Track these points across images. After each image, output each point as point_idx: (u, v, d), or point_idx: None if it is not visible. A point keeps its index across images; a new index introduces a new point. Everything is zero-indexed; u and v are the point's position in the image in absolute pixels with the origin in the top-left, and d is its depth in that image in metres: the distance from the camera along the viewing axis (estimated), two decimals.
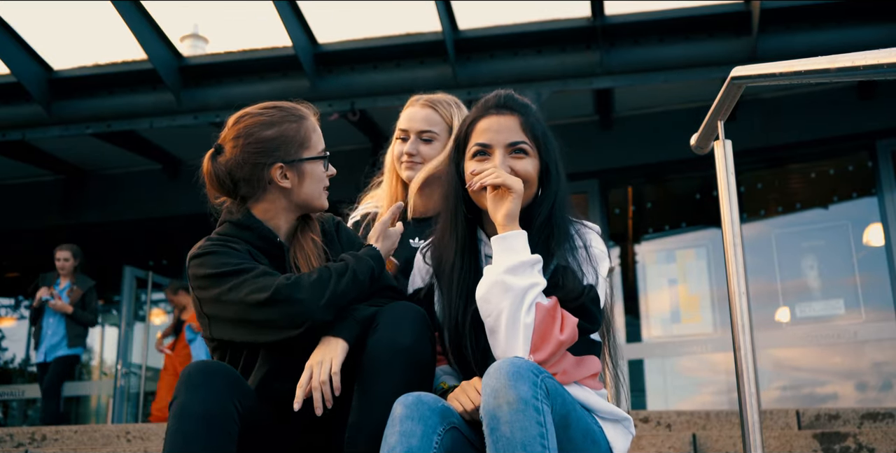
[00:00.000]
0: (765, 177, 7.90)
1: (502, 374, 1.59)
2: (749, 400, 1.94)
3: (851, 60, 1.72)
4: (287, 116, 2.08)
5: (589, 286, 1.87)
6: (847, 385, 7.33)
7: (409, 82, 6.78)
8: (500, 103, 1.98)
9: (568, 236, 1.94)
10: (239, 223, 2.05)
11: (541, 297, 1.79)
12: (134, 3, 6.39)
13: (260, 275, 1.88)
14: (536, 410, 1.56)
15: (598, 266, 1.92)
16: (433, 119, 2.67)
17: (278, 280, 1.86)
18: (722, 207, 2.09)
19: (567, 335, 1.78)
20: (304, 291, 1.84)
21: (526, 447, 1.53)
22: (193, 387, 1.72)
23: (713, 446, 3.24)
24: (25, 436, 4.18)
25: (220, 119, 6.97)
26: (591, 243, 1.95)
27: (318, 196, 2.10)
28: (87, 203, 8.94)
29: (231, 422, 1.71)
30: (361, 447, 1.77)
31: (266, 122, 2.06)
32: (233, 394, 1.74)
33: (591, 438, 1.76)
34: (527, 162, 1.94)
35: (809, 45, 6.20)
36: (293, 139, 2.06)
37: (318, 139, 2.11)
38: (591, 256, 1.92)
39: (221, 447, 1.69)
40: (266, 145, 2.04)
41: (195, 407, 1.69)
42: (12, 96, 7.24)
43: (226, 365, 1.77)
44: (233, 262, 1.92)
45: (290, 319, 1.83)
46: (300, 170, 2.06)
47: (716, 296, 7.59)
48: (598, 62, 6.53)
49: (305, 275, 1.89)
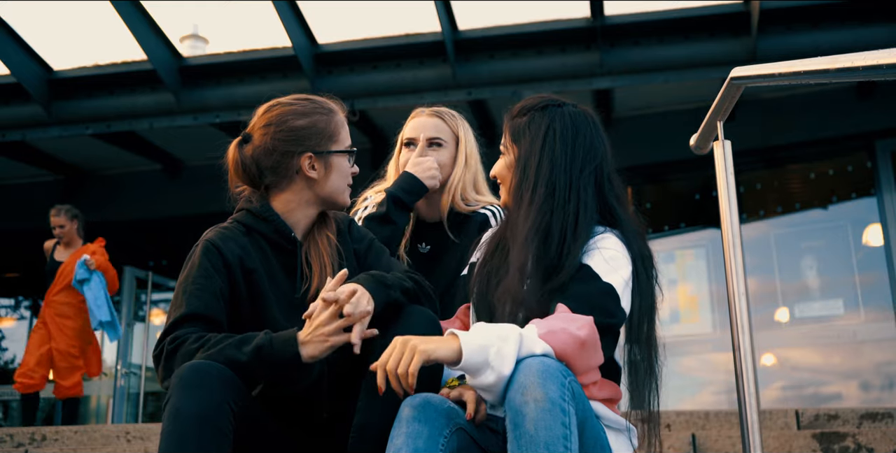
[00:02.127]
0: (764, 178, 7.90)
1: (532, 371, 1.57)
2: (748, 400, 1.94)
3: (851, 61, 1.72)
4: (318, 108, 2.10)
5: (593, 275, 1.84)
6: (846, 385, 7.33)
7: (409, 83, 6.79)
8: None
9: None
10: (257, 213, 2.05)
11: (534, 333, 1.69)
12: (134, 4, 6.39)
13: (174, 318, 1.90)
14: (563, 411, 1.55)
15: (611, 265, 1.87)
16: (441, 127, 2.70)
17: (175, 335, 1.87)
18: (721, 207, 2.09)
19: (586, 333, 1.70)
20: (174, 362, 1.83)
21: (549, 446, 1.52)
22: (188, 387, 1.69)
23: (712, 446, 3.24)
24: (25, 436, 4.18)
25: (220, 119, 6.98)
26: (604, 245, 1.91)
27: (343, 191, 2.11)
28: (87, 203, 8.92)
29: (226, 422, 1.69)
30: (367, 448, 1.76)
31: (298, 112, 2.07)
32: (227, 394, 1.71)
33: (599, 444, 1.76)
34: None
35: (809, 45, 6.20)
36: (324, 131, 2.08)
37: (346, 134, 2.13)
38: (605, 256, 1.88)
39: (217, 447, 1.67)
40: (297, 134, 2.05)
41: (190, 408, 1.66)
42: (12, 96, 7.24)
43: (219, 365, 1.75)
44: (189, 291, 1.92)
45: (161, 372, 1.85)
46: (328, 163, 2.07)
47: (715, 296, 7.59)
48: (597, 62, 6.53)
49: (209, 345, 1.83)
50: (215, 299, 1.92)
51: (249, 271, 1.99)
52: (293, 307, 2.00)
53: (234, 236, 2.02)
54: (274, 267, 2.03)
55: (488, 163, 2.35)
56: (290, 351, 1.79)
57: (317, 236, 2.09)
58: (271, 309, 1.98)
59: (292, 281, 2.04)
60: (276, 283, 2.02)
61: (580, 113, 2.04)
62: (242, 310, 1.98)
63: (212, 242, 1.99)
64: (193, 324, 1.88)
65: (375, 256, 2.16)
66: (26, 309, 9.60)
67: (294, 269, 2.04)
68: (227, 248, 1.98)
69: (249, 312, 1.98)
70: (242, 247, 2.01)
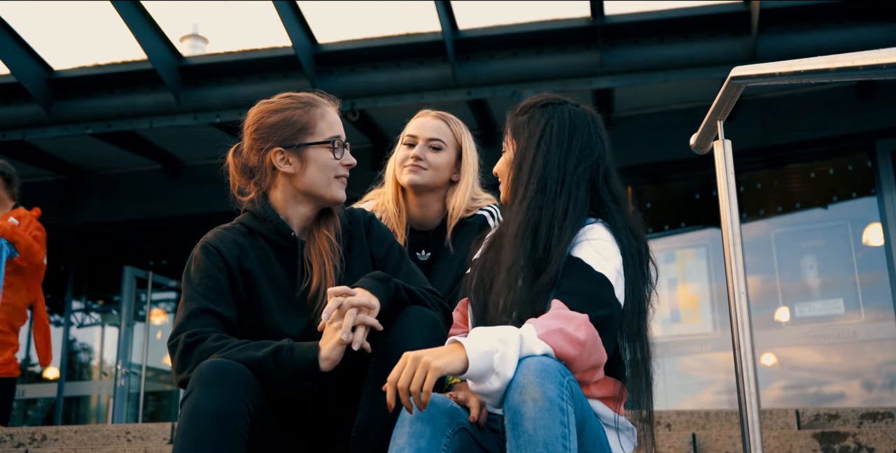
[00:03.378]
0: (764, 177, 7.90)
1: (530, 371, 1.57)
2: (749, 400, 1.94)
3: (851, 60, 1.72)
4: (294, 104, 2.10)
5: (585, 267, 1.84)
6: (847, 385, 7.33)
7: (409, 82, 6.78)
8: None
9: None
10: (257, 213, 2.07)
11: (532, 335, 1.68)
12: (134, 3, 6.39)
13: (190, 310, 1.91)
14: (561, 411, 1.55)
15: (602, 254, 1.87)
16: (444, 130, 2.70)
17: (189, 330, 1.88)
18: (722, 207, 2.09)
19: (584, 333, 1.69)
20: (192, 357, 1.84)
21: (548, 446, 1.52)
22: (207, 385, 1.70)
23: (713, 446, 3.24)
24: (25, 436, 4.17)
25: (220, 119, 6.97)
26: (592, 235, 1.92)
27: (326, 184, 2.07)
28: (87, 203, 8.93)
29: (243, 421, 1.70)
30: (369, 447, 1.77)
31: (273, 110, 2.09)
32: (245, 394, 1.73)
33: (599, 443, 1.75)
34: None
35: (809, 45, 6.19)
36: (294, 124, 2.07)
37: (326, 126, 2.10)
38: (595, 247, 1.88)
39: (233, 445, 1.68)
40: (267, 130, 2.07)
41: (208, 405, 1.68)
42: (12, 96, 7.24)
43: (239, 364, 1.76)
44: (199, 289, 1.94)
45: (176, 364, 1.87)
46: (303, 156, 2.06)
47: (715, 295, 7.59)
48: (597, 62, 6.53)
49: (230, 346, 1.85)
50: (224, 297, 1.95)
51: (247, 271, 1.99)
52: (293, 306, 2.01)
53: (233, 237, 2.03)
54: (274, 266, 2.03)
55: (488, 164, 2.35)
56: (310, 356, 1.79)
57: (315, 236, 2.08)
58: (269, 308, 1.98)
59: (293, 280, 2.04)
60: (276, 283, 2.02)
61: (581, 112, 2.04)
62: (241, 308, 1.99)
63: (210, 244, 2.01)
64: (208, 319, 1.90)
65: (394, 264, 2.12)
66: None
67: (295, 269, 2.04)
68: (224, 249, 2.00)
69: (248, 312, 1.99)
70: (240, 248, 2.02)
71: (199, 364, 1.75)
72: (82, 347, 9.30)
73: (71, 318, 9.19)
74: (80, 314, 9.37)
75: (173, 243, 8.93)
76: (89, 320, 9.51)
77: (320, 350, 1.79)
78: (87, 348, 9.29)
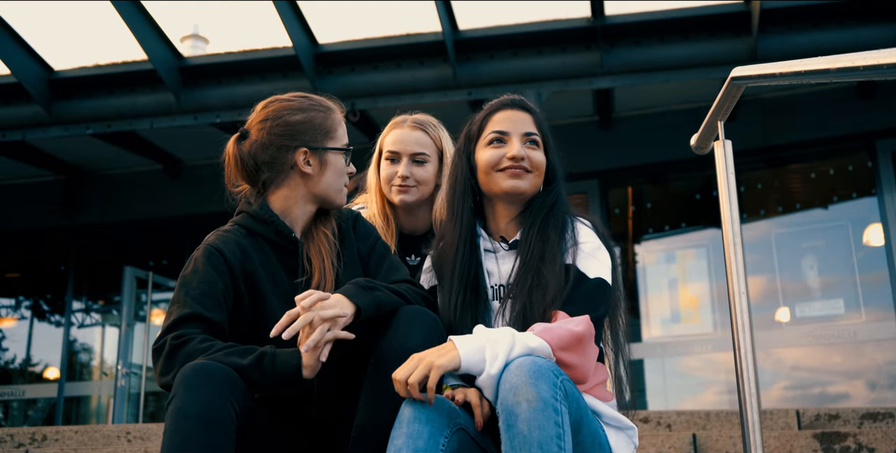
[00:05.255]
0: (765, 177, 7.90)
1: (523, 372, 1.58)
2: (749, 400, 1.94)
3: (851, 60, 1.72)
4: (315, 105, 2.12)
5: (583, 274, 1.89)
6: (847, 385, 7.33)
7: (409, 83, 6.78)
8: (514, 102, 2.14)
9: (564, 233, 1.97)
10: (256, 215, 2.06)
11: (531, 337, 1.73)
12: (134, 4, 6.39)
13: (180, 314, 1.90)
14: (555, 411, 1.56)
15: (594, 258, 1.93)
16: (424, 141, 2.64)
17: (176, 333, 1.87)
18: (722, 207, 2.09)
19: (583, 327, 1.76)
20: (177, 360, 1.83)
21: (542, 446, 1.52)
22: (191, 387, 1.69)
23: (713, 446, 3.24)
24: (26, 436, 4.17)
25: (220, 119, 6.97)
26: (583, 239, 1.96)
27: (338, 190, 2.11)
28: (87, 203, 8.94)
29: (229, 423, 1.70)
30: (368, 448, 1.77)
31: (295, 108, 2.09)
32: (230, 395, 1.72)
33: (597, 443, 1.76)
34: (540, 153, 2.06)
35: (809, 45, 6.20)
36: (320, 127, 2.09)
37: (343, 133, 2.14)
38: (583, 251, 1.94)
39: (219, 448, 1.67)
40: (293, 129, 2.06)
41: (193, 407, 1.67)
42: (12, 96, 7.24)
43: (222, 366, 1.75)
44: (193, 293, 1.93)
45: (160, 366, 1.85)
46: (323, 159, 2.08)
47: (716, 296, 7.59)
48: (598, 62, 6.53)
49: (215, 349, 1.83)
50: (218, 303, 1.94)
51: (250, 273, 2.00)
52: (293, 306, 2.01)
53: (236, 239, 2.03)
54: (276, 267, 2.04)
55: None
56: (292, 362, 1.79)
57: (315, 235, 2.09)
58: (273, 309, 1.98)
59: (293, 280, 2.05)
60: (278, 284, 2.02)
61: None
62: (244, 311, 1.99)
63: (214, 246, 2.00)
64: (197, 325, 1.89)
65: (378, 258, 2.14)
66: (27, 309, 9.60)
67: (295, 269, 2.05)
68: (228, 252, 1.99)
69: (251, 314, 1.99)
70: (244, 250, 2.02)
71: (183, 366, 1.75)
72: (83, 347, 9.29)
73: (71, 318, 9.18)
74: (80, 314, 9.36)
75: (173, 243, 8.93)
76: (90, 320, 9.50)
77: (303, 357, 1.79)
78: (87, 348, 9.29)
